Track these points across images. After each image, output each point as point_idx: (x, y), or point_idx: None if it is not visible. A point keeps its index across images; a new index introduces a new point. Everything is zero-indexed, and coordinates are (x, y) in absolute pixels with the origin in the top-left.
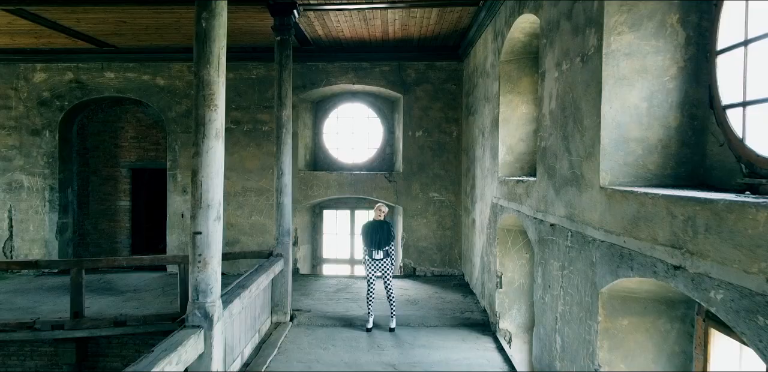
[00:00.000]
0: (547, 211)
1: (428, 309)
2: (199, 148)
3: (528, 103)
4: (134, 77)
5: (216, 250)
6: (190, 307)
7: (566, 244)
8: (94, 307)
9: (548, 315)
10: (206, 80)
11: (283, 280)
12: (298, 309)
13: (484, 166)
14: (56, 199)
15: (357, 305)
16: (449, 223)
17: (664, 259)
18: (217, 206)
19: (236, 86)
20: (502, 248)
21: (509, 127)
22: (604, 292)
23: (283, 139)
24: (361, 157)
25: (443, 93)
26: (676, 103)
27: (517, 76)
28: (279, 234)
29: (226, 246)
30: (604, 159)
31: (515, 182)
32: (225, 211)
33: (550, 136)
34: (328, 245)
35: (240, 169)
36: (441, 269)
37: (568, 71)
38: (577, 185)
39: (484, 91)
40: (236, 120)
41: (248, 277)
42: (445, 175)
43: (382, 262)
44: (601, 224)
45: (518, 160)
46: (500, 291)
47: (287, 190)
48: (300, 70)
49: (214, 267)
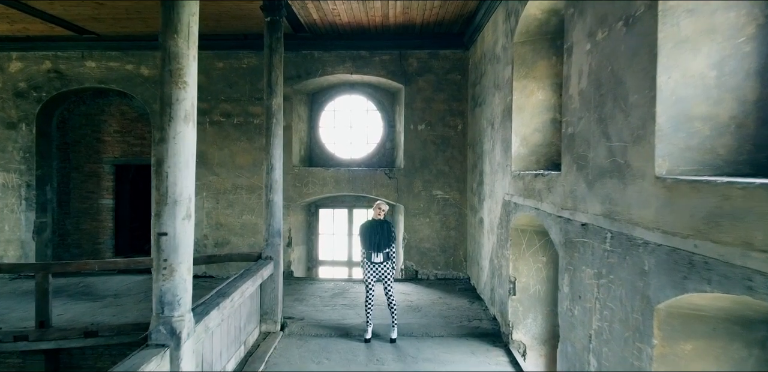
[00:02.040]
0: (577, 208)
1: (432, 316)
2: (164, 133)
3: (545, 88)
4: (117, 67)
5: (185, 254)
6: (154, 322)
7: (604, 247)
8: (67, 314)
9: (578, 331)
10: (173, 52)
11: (273, 286)
12: (290, 316)
13: (493, 160)
14: (33, 197)
15: (354, 312)
16: (454, 222)
17: (766, 271)
18: (186, 202)
19: (226, 77)
20: (515, 250)
21: (523, 117)
22: (662, 309)
23: (273, 131)
24: (359, 152)
25: (447, 84)
26: (754, 71)
27: (532, 60)
28: (269, 235)
29: (214, 247)
30: (661, 142)
31: (533, 177)
32: (214, 210)
33: (579, 121)
34: (325, 246)
35: (230, 165)
36: (445, 272)
37: (605, 40)
38: (620, 176)
39: (494, 79)
40: (226, 112)
41: (231, 284)
42: (449, 171)
43: (382, 266)
44: (656, 223)
45: (533, 153)
46: (513, 298)
47: (278, 186)
48: (294, 59)
49: (182, 274)
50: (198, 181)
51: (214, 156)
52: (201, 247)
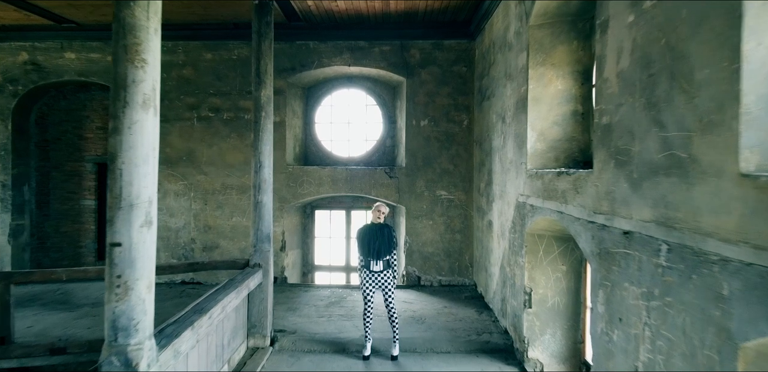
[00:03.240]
0: (615, 212)
1: (437, 329)
2: (118, 122)
3: (564, 77)
4: (98, 58)
5: (145, 269)
6: (105, 352)
7: (656, 261)
8: (38, 327)
9: (619, 360)
10: (129, 24)
11: (262, 296)
12: (281, 329)
13: (504, 157)
14: (9, 198)
15: (352, 324)
16: (459, 225)
17: None
18: (145, 206)
19: (215, 69)
20: (531, 258)
21: (540, 109)
22: (750, 349)
23: (262, 125)
24: (358, 150)
25: (452, 76)
26: None
27: (550, 44)
28: (257, 240)
29: (203, 252)
30: (749, 129)
31: (554, 175)
32: (202, 212)
33: (618, 108)
34: (321, 250)
35: (219, 164)
36: (449, 278)
37: (656, 8)
38: (681, 174)
39: (505, 68)
40: (215, 107)
41: (211, 297)
42: (454, 170)
43: (382, 276)
44: (742, 235)
45: (552, 149)
46: (529, 311)
47: (267, 186)
48: (288, 50)
49: (140, 293)
50: (185, 181)
51: (203, 154)
52: (188, 252)
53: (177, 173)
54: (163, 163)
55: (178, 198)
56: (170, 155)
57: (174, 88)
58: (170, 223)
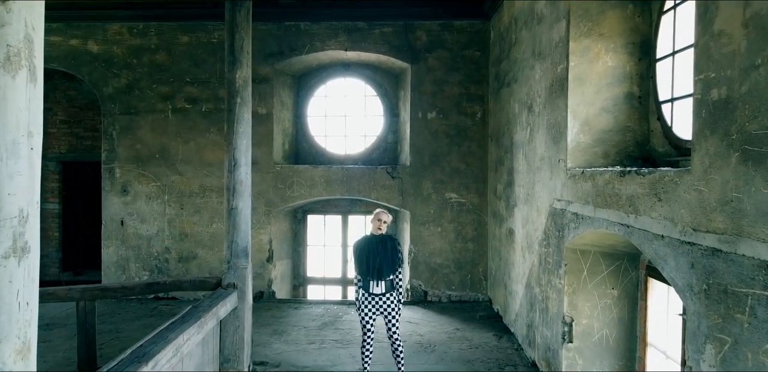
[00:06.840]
0: (742, 231)
1: (450, 360)
2: None
3: (616, 50)
4: (59, 42)
5: (10, 321)
6: None
7: None
8: None
9: None
10: None
11: (238, 324)
12: (261, 361)
13: (533, 154)
14: None
15: (348, 353)
16: (472, 232)
17: None
18: (10, 223)
19: (192, 54)
20: (572, 280)
21: (584, 91)
22: None
23: (237, 114)
24: (356, 147)
25: (464, 62)
26: None
27: (597, 9)
28: (231, 254)
29: (179, 263)
30: None
31: (616, 176)
32: (178, 217)
33: (748, 73)
34: (314, 260)
35: (197, 162)
36: (460, 293)
37: None
38: None
39: (534, 45)
40: (192, 97)
41: (161, 335)
42: (465, 169)
43: (385, 300)
44: None
45: (600, 142)
46: (570, 346)
47: (244, 188)
48: (275, 32)
49: (4, 364)
50: (158, 182)
51: (178, 151)
52: (162, 263)
53: (149, 173)
54: (133, 161)
55: (150, 201)
56: (141, 152)
57: (145, 76)
58: (141, 230)
